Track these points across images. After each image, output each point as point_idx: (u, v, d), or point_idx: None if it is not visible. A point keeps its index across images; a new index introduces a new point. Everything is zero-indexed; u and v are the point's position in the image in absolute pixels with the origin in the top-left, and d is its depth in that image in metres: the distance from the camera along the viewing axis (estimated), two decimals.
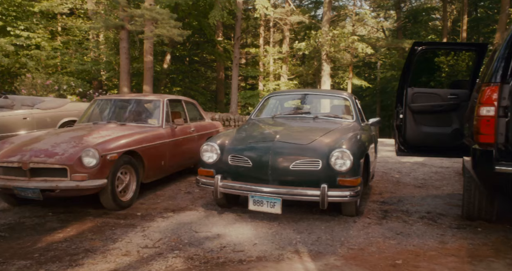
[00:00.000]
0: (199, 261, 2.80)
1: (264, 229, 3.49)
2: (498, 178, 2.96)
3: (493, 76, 3.02)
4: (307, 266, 2.75)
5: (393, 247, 3.11)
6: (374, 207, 4.22)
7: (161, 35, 13.71)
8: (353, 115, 4.56)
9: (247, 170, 3.64)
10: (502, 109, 2.98)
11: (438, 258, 2.88)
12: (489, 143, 2.98)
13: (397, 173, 6.17)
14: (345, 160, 3.46)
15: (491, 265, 2.77)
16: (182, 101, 5.64)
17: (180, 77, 21.22)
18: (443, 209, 4.17)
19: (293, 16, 19.53)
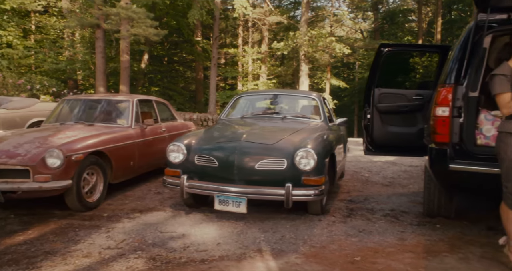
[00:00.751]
0: (160, 262, 2.80)
1: (230, 228, 3.52)
2: (452, 176, 3.07)
3: (448, 77, 3.13)
4: (268, 265, 2.79)
5: (354, 244, 3.18)
6: (340, 206, 4.30)
7: (137, 34, 13.57)
8: (321, 115, 4.63)
9: (213, 170, 3.66)
10: (456, 109, 3.09)
11: (396, 254, 2.97)
12: (444, 143, 3.09)
13: (367, 172, 6.30)
14: (309, 160, 3.52)
15: (444, 260, 2.87)
16: (153, 101, 5.61)
17: (158, 77, 21.02)
18: (407, 207, 4.29)
19: (271, 17, 19.63)
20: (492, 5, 3.00)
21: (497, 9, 3.10)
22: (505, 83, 2.58)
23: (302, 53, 18.25)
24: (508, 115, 2.62)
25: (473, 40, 3.11)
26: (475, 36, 3.12)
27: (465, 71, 3.10)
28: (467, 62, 3.09)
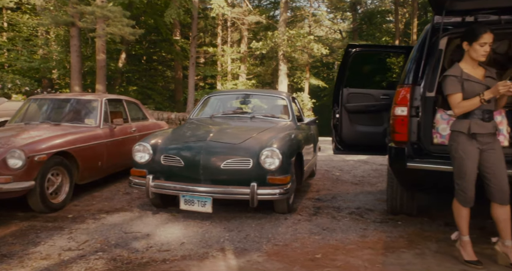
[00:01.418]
0: (121, 262, 2.79)
1: (195, 228, 3.52)
2: (410, 174, 3.16)
3: (406, 78, 3.21)
4: (229, 263, 2.81)
5: (317, 242, 3.23)
6: (308, 204, 4.36)
7: (113, 33, 13.37)
8: (289, 114, 4.68)
9: (179, 170, 3.66)
10: (414, 109, 3.18)
11: (356, 251, 3.03)
12: (403, 141, 3.17)
13: (338, 171, 6.39)
14: (274, 159, 3.55)
15: (401, 255, 2.95)
16: (123, 100, 5.55)
17: (136, 76, 20.76)
18: (373, 204, 4.38)
19: (250, 16, 19.65)
20: (446, 8, 3.10)
21: (452, 12, 3.20)
22: (456, 84, 2.67)
23: (281, 53, 18.35)
24: (460, 115, 2.72)
25: (429, 42, 3.20)
26: (431, 38, 3.21)
27: (422, 72, 3.18)
28: (424, 63, 3.18)
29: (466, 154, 2.66)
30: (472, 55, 2.67)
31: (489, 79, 2.69)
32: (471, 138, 2.65)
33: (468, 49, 2.69)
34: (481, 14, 3.16)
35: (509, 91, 2.50)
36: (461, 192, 2.71)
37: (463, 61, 2.74)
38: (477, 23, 3.09)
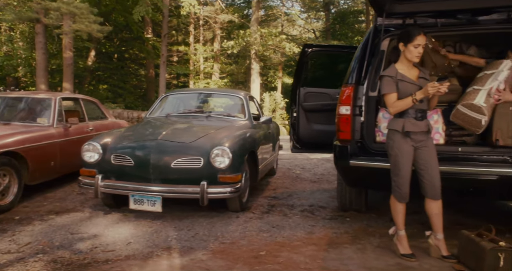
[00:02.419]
0: (61, 264, 2.75)
1: (145, 228, 3.51)
2: (353, 172, 3.25)
3: (350, 78, 3.30)
4: (173, 262, 2.82)
5: (264, 239, 3.28)
6: (263, 202, 4.41)
7: (80, 30, 13.06)
8: (245, 114, 4.72)
9: (129, 169, 3.63)
10: (358, 108, 3.27)
11: (300, 248, 3.09)
12: (347, 140, 3.26)
13: (299, 169, 6.48)
14: (224, 158, 3.58)
15: (343, 251, 3.03)
16: (79, 99, 5.45)
17: (106, 75, 20.33)
18: (326, 202, 4.47)
19: (222, 15, 19.59)
20: (387, 10, 3.20)
21: (394, 14, 3.31)
22: (391, 84, 2.77)
23: (253, 52, 18.38)
24: (395, 114, 2.82)
25: (372, 43, 3.30)
26: (374, 39, 3.31)
27: (365, 72, 3.28)
28: (367, 64, 3.28)
29: (401, 151, 2.76)
30: (407, 56, 2.77)
31: (422, 79, 2.79)
32: (406, 136, 2.75)
33: (403, 50, 2.78)
34: (420, 17, 3.28)
35: (439, 91, 2.61)
36: (397, 188, 2.81)
37: (399, 62, 2.84)
38: (412, 25, 3.20)
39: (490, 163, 2.88)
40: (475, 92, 2.97)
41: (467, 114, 2.96)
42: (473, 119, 2.94)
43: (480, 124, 2.90)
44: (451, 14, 3.17)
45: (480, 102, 2.88)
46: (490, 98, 2.90)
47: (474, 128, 2.98)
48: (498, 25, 3.09)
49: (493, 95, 2.89)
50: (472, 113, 2.92)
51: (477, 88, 2.97)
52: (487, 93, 2.89)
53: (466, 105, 2.97)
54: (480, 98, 2.89)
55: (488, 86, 2.92)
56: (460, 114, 3.02)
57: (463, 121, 3.02)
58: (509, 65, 2.95)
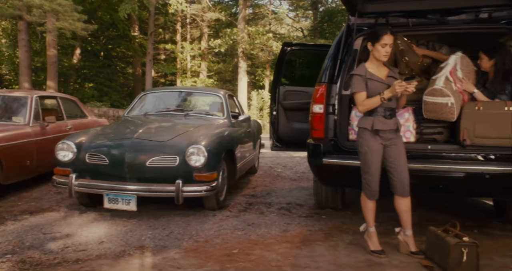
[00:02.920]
0: (30, 264, 2.72)
1: (120, 227, 3.49)
2: (326, 170, 3.28)
3: (323, 76, 3.32)
4: (144, 261, 2.81)
5: (238, 237, 3.29)
6: (241, 201, 4.42)
7: (64, 28, 12.92)
8: (224, 112, 4.72)
9: (104, 168, 3.61)
10: (331, 106, 3.30)
11: (273, 245, 3.11)
12: (320, 138, 3.29)
13: (281, 167, 6.51)
14: (200, 156, 3.58)
15: (315, 248, 3.06)
16: (57, 97, 5.40)
17: (92, 73, 20.12)
18: (304, 200, 4.50)
19: (210, 13, 19.53)
20: (359, 10, 3.23)
21: (366, 14, 3.34)
22: (361, 83, 2.80)
23: (240, 50, 18.37)
24: (365, 112, 2.85)
25: (345, 42, 3.33)
26: (347, 38, 3.34)
27: (338, 71, 3.30)
28: (340, 63, 3.31)
29: (370, 149, 2.80)
30: (375, 55, 2.80)
31: (391, 78, 2.83)
32: (375, 134, 2.79)
33: (371, 49, 2.81)
34: (392, 17, 3.32)
35: (406, 90, 2.65)
36: (366, 186, 2.85)
37: (368, 61, 2.87)
38: (384, 24, 3.24)
39: (457, 161, 2.94)
40: (433, 81, 3.03)
41: (433, 102, 2.98)
42: (440, 105, 2.95)
43: (447, 107, 2.92)
44: (422, 14, 3.22)
45: (439, 85, 2.93)
46: (450, 82, 2.95)
47: (447, 115, 2.98)
48: (466, 25, 3.14)
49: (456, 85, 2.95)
50: (437, 99, 2.95)
51: (435, 78, 3.03)
52: (444, 77, 2.95)
53: (429, 93, 3.01)
54: (439, 81, 2.95)
55: (443, 72, 2.98)
56: (428, 105, 3.05)
57: (435, 112, 3.03)
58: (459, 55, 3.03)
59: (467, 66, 3.08)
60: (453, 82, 2.98)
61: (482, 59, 3.27)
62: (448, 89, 2.95)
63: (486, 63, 3.24)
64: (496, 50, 3.24)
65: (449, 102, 2.94)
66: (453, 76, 3.00)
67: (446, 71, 3.00)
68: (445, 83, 2.95)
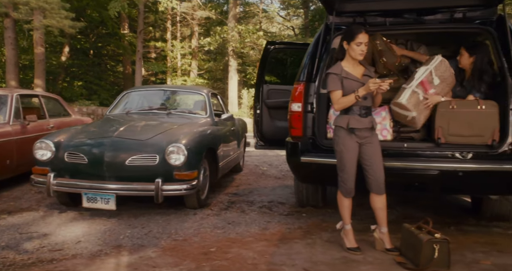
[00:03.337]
0: (3, 264, 2.69)
1: (99, 226, 3.48)
2: (304, 168, 3.29)
3: (301, 75, 3.33)
4: (120, 260, 2.80)
5: (217, 236, 3.29)
6: (223, 199, 4.42)
7: (51, 26, 12.77)
8: (207, 111, 4.71)
9: (83, 167, 3.59)
10: (309, 105, 3.31)
11: (251, 244, 3.12)
12: (298, 136, 3.30)
13: (267, 166, 6.52)
14: (179, 155, 3.57)
15: (293, 246, 3.07)
16: (39, 96, 5.35)
17: (81, 71, 19.94)
18: (286, 198, 4.51)
19: (200, 11, 19.45)
20: (337, 9, 3.25)
21: (344, 13, 3.35)
22: (337, 82, 2.81)
23: (230, 48, 18.34)
24: (341, 111, 2.87)
25: (323, 41, 3.34)
26: (325, 37, 3.35)
27: (316, 69, 3.32)
28: (318, 61, 3.32)
29: (346, 147, 2.81)
30: (351, 54, 2.82)
31: (366, 77, 2.84)
32: (350, 133, 2.81)
33: (347, 48, 2.83)
34: (369, 16, 3.34)
35: (380, 88, 2.67)
36: (342, 184, 2.87)
37: (344, 60, 2.89)
38: (362, 24, 3.26)
39: (432, 159, 2.97)
40: (402, 90, 3.08)
41: (398, 112, 3.07)
42: (404, 116, 3.04)
43: (410, 120, 2.99)
44: (399, 14, 3.24)
45: (403, 101, 2.99)
46: (418, 94, 2.99)
47: (410, 124, 3.07)
48: (442, 24, 3.18)
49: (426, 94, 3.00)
50: (401, 111, 3.03)
51: (404, 87, 3.07)
52: (411, 90, 2.99)
53: (394, 104, 3.10)
54: (404, 96, 3.00)
55: (411, 84, 3.02)
56: (395, 113, 3.15)
57: (400, 119, 3.12)
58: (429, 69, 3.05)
59: (445, 71, 3.10)
60: (423, 91, 3.03)
61: (463, 55, 3.27)
62: (413, 102, 3.01)
63: (465, 59, 3.25)
64: (478, 48, 3.25)
65: (411, 116, 3.01)
66: (425, 86, 3.04)
67: (414, 84, 3.04)
68: (410, 97, 3.02)
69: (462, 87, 3.26)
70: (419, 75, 3.13)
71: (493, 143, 2.87)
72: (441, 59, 3.09)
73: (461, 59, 3.25)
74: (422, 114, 3.12)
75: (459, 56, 3.26)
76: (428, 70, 3.13)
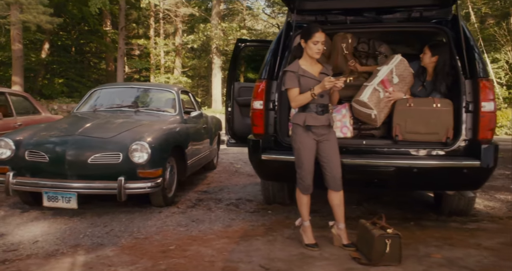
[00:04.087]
0: None
1: (60, 225, 3.43)
2: (266, 166, 3.30)
3: (263, 73, 3.34)
4: (76, 259, 2.77)
5: (179, 234, 3.28)
6: (192, 197, 4.41)
7: (28, 21, 12.56)
8: (176, 108, 4.69)
9: (44, 166, 3.54)
10: (271, 103, 3.31)
11: (212, 241, 3.12)
12: (260, 134, 3.30)
13: (241, 163, 6.53)
14: (143, 153, 3.55)
15: (253, 243, 3.07)
16: (6, 93, 5.25)
17: (62, 68, 19.63)
18: (255, 195, 4.52)
19: (183, 8, 19.31)
20: (297, 7, 3.25)
21: (306, 11, 3.37)
22: (294, 79, 2.82)
23: (214, 46, 18.26)
24: (299, 108, 2.88)
25: (285, 39, 3.35)
26: (287, 35, 3.36)
27: (278, 67, 3.32)
28: (280, 59, 3.33)
29: (303, 144, 2.83)
30: (308, 52, 2.83)
31: (323, 75, 2.86)
32: (307, 130, 2.82)
33: (305, 46, 2.84)
34: (331, 14, 3.36)
35: (335, 86, 2.69)
36: (300, 181, 2.88)
37: (302, 58, 2.90)
38: (319, 22, 3.28)
39: (389, 156, 3.01)
40: (363, 88, 3.10)
41: (360, 109, 3.09)
42: (365, 113, 3.07)
43: (371, 117, 3.03)
44: (359, 12, 3.27)
45: (364, 98, 3.01)
46: (378, 92, 3.02)
47: (371, 122, 3.11)
48: (400, 23, 3.21)
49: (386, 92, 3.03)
50: (362, 108, 3.05)
51: (366, 85, 3.10)
52: (373, 88, 3.02)
53: (356, 101, 3.12)
54: (366, 93, 3.02)
55: (373, 82, 3.05)
56: (355, 110, 3.17)
57: (361, 116, 3.15)
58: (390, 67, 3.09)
59: (404, 70, 3.14)
60: (383, 90, 3.06)
61: (426, 54, 3.29)
62: (374, 100, 3.04)
63: (428, 58, 3.27)
64: (440, 48, 3.28)
65: (373, 114, 3.05)
66: (385, 84, 3.07)
67: (376, 81, 3.07)
68: (371, 95, 3.05)
69: (423, 87, 3.30)
70: (381, 74, 3.17)
71: (447, 141, 2.92)
72: (401, 58, 3.13)
73: (424, 58, 3.27)
74: (382, 112, 3.16)
75: (422, 54, 3.29)
76: (389, 69, 3.17)
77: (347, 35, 3.53)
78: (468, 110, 2.85)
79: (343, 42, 3.54)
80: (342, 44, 3.54)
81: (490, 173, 2.84)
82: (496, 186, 5.03)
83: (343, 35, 3.54)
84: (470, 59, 2.90)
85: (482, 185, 3.01)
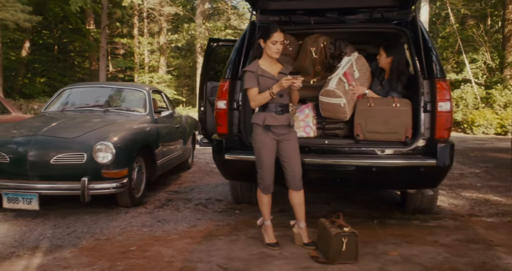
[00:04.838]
0: None
1: (20, 227, 3.38)
2: (230, 165, 3.29)
3: (227, 72, 3.33)
4: (31, 262, 2.72)
5: (142, 234, 3.25)
6: (161, 197, 4.38)
7: (5, 19, 12.33)
8: (146, 108, 4.65)
9: (5, 166, 3.48)
10: (235, 102, 3.31)
11: (174, 241, 3.09)
12: (223, 134, 3.30)
13: None
14: (107, 153, 3.52)
15: (216, 242, 3.06)
16: None
17: (44, 68, 19.33)
18: (225, 195, 4.51)
19: (167, 7, 19.20)
20: (260, 7, 3.26)
21: (270, 11, 3.37)
22: (253, 79, 2.82)
23: (198, 45, 18.20)
24: (259, 108, 2.88)
25: (249, 39, 3.35)
26: (251, 35, 3.36)
27: (242, 67, 3.32)
28: (244, 59, 3.32)
29: (263, 144, 2.83)
30: (268, 52, 2.83)
31: (282, 75, 2.85)
32: (267, 130, 2.82)
33: (264, 46, 2.84)
34: (295, 15, 3.37)
35: (293, 85, 2.70)
36: (261, 180, 2.89)
37: (262, 58, 2.90)
38: (283, 22, 3.28)
39: (350, 155, 3.03)
40: (328, 81, 3.11)
41: (328, 102, 3.08)
42: (333, 105, 3.05)
43: (340, 107, 3.02)
44: (322, 13, 3.28)
45: (332, 86, 3.01)
46: (344, 83, 3.04)
47: (340, 114, 3.09)
48: (362, 24, 3.24)
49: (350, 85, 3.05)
50: (331, 99, 3.04)
51: (330, 78, 3.12)
52: (338, 78, 3.04)
53: (323, 93, 3.11)
54: (332, 82, 3.03)
55: (337, 72, 3.07)
56: (323, 105, 3.14)
57: (329, 111, 3.13)
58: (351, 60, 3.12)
59: (363, 66, 3.18)
60: (347, 82, 3.08)
61: (381, 55, 3.35)
62: (341, 90, 3.04)
63: (383, 59, 3.33)
64: (394, 49, 3.33)
65: (342, 103, 3.05)
66: (348, 77, 3.09)
67: (340, 72, 3.09)
68: (338, 84, 3.05)
69: (381, 86, 3.33)
70: (344, 64, 3.17)
71: (406, 140, 2.95)
72: (358, 55, 3.17)
73: (380, 59, 3.33)
74: (350, 103, 3.13)
75: (378, 55, 3.33)
76: (351, 61, 3.20)
77: (319, 38, 3.52)
78: (426, 110, 2.89)
79: (313, 46, 3.54)
80: (312, 48, 3.54)
81: (446, 172, 2.89)
82: (464, 184, 5.11)
83: (314, 38, 3.53)
84: (428, 60, 2.94)
85: (439, 183, 3.06)
